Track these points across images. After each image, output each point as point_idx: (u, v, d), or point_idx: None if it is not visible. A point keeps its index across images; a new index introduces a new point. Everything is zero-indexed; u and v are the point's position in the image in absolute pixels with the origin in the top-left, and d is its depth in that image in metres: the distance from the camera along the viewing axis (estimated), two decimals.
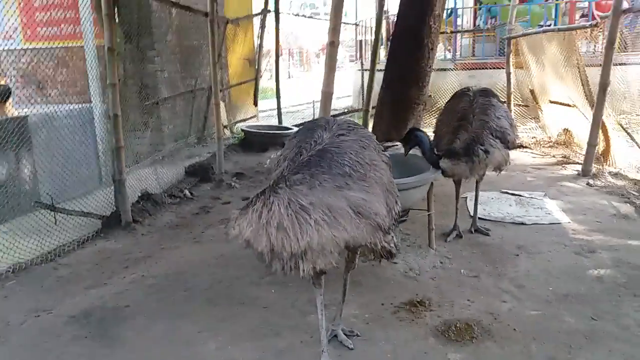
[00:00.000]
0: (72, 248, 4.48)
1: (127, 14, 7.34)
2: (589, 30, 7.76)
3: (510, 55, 7.97)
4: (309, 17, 22.18)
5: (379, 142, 2.67)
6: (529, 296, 3.25)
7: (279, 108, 10.23)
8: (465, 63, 10.52)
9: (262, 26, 9.74)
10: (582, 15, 12.35)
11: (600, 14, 10.61)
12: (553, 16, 11.87)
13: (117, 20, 4.66)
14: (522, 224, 4.58)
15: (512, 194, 5.48)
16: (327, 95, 3.83)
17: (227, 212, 5.80)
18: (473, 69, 10.24)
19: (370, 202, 2.18)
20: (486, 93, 4.16)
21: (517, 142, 4.04)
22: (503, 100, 8.28)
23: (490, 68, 9.96)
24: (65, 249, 4.42)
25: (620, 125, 6.28)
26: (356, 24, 13.59)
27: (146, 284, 3.64)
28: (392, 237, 2.39)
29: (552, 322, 2.94)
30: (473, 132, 3.80)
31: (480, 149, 3.69)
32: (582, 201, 5.23)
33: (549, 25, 11.40)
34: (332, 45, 3.78)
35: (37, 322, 3.19)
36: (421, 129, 4.23)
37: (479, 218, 4.71)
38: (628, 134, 6.15)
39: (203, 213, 5.74)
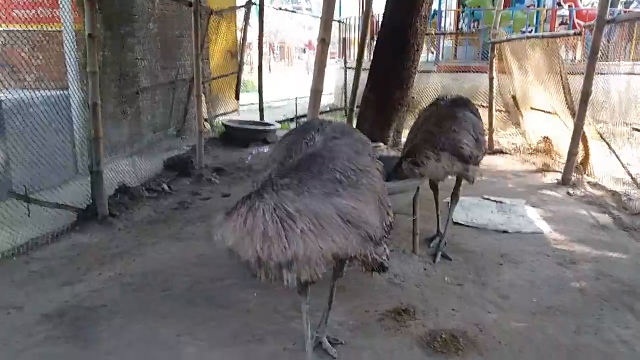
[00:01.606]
0: (46, 241, 4.31)
1: None
2: (570, 38, 7.88)
3: (494, 59, 8.01)
4: (292, 11, 21.99)
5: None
6: (514, 307, 3.25)
7: (260, 103, 10.10)
8: (448, 66, 10.56)
9: (246, 19, 9.59)
10: (562, 23, 12.52)
11: (581, 22, 10.79)
12: (534, 23, 12.01)
13: (97, 6, 4.47)
14: (505, 231, 4.60)
15: (494, 200, 5.50)
16: (316, 93, 3.77)
17: (206, 208, 5.70)
18: (456, 71, 10.29)
19: (360, 211, 2.11)
20: (456, 103, 4.06)
21: (480, 157, 3.92)
22: (485, 105, 8.35)
23: (473, 72, 10.01)
24: (38, 242, 4.26)
25: (600, 134, 6.37)
26: (340, 22, 13.51)
27: (123, 282, 3.51)
28: (384, 248, 2.32)
29: (537, 334, 2.93)
30: (412, 144, 3.78)
31: (408, 161, 3.64)
32: (563, 210, 5.29)
33: (531, 32, 11.57)
34: (323, 43, 3.71)
35: (7, 319, 3.04)
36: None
37: (461, 224, 4.73)
38: (606, 142, 6.24)
39: (182, 208, 5.61)
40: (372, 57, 7.18)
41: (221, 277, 3.57)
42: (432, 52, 11.65)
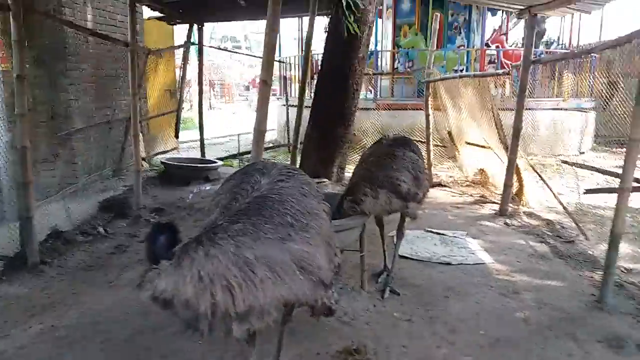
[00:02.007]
0: None
1: (38, 38, 6.83)
2: (499, 76, 8.34)
3: (429, 97, 8.33)
4: (231, 51, 22.13)
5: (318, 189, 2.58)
6: (462, 341, 3.26)
7: (201, 140, 9.95)
8: (386, 103, 10.88)
9: (185, 58, 9.52)
10: (490, 62, 13.29)
11: (508, 62, 11.51)
12: (465, 62, 12.68)
13: (26, 45, 4.27)
14: (449, 264, 4.67)
15: (436, 233, 5.61)
16: (260, 133, 3.73)
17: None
18: (394, 109, 10.60)
19: (313, 256, 2.06)
20: (397, 142, 4.16)
21: (421, 195, 4.00)
22: (423, 141, 8.64)
23: (411, 109, 10.37)
24: None
25: (532, 166, 6.70)
26: (280, 61, 13.71)
27: (56, 335, 3.25)
28: (333, 292, 2.27)
29: None
30: (352, 182, 3.83)
31: (348, 199, 3.68)
32: (502, 240, 5.46)
33: (462, 70, 12.20)
34: (265, 84, 3.72)
35: None
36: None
37: (406, 257, 4.77)
38: (538, 174, 6.57)
39: (119, 252, 5.34)
40: (313, 96, 7.28)
41: (163, 325, 3.37)
42: (370, 91, 11.99)
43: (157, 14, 8.08)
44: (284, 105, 13.03)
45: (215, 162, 9.08)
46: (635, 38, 3.86)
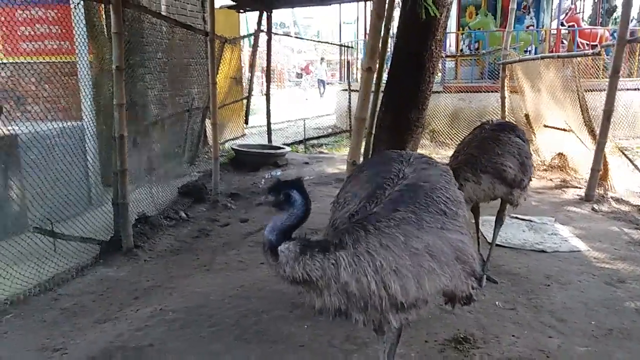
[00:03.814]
0: (71, 276, 4.18)
1: None
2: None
3: (505, 79, 8.04)
4: (297, 37, 22.28)
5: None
6: (574, 331, 3.15)
7: (269, 127, 10.07)
8: (455, 86, 10.61)
9: (255, 45, 9.59)
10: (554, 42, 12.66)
11: (584, 41, 10.94)
12: (538, 42, 12.15)
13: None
14: (543, 251, 4.52)
15: (522, 219, 5.43)
16: (360, 121, 3.70)
17: (227, 235, 5.58)
18: (463, 91, 10.32)
19: (466, 245, 2.02)
20: (501, 127, 4.04)
21: (526, 181, 3.84)
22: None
23: (481, 91, 10.06)
24: (63, 278, 4.11)
25: (621, 150, 6.36)
26: (341, 45, 13.62)
27: (166, 319, 3.36)
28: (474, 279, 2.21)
29: None
30: (454, 165, 3.68)
31: None
32: (593, 227, 5.23)
33: (531, 52, 11.69)
34: (369, 71, 3.67)
35: None
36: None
37: (497, 245, 4.63)
38: (629, 159, 6.23)
39: (203, 236, 5.51)
40: (387, 80, 7.16)
41: (267, 309, 3.44)
42: (438, 74, 11.72)
43: (227, 2, 8.15)
44: (346, 90, 12.95)
45: (283, 148, 9.17)
46: None
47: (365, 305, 1.84)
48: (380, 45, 3.69)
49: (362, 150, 3.87)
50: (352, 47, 13.85)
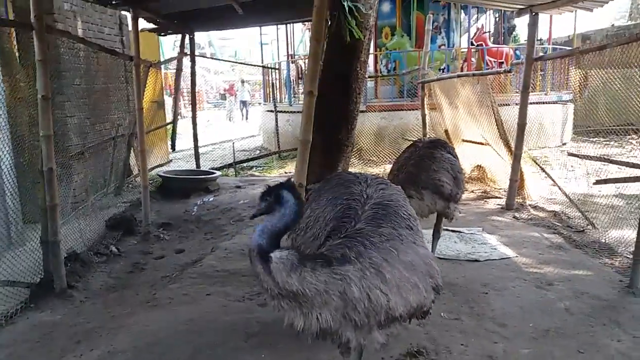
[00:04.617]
0: (0, 324, 3.84)
1: (33, 54, 6.68)
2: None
3: (425, 98, 8.48)
4: (229, 61, 22.17)
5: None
6: (515, 334, 3.37)
7: (196, 151, 9.85)
8: (377, 105, 11.01)
9: (179, 69, 9.43)
10: (464, 60, 13.56)
11: (492, 59, 11.79)
12: (450, 60, 12.91)
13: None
14: (476, 260, 4.79)
15: (453, 231, 5.72)
16: (305, 143, 3.77)
17: (164, 268, 5.39)
18: (385, 110, 10.74)
19: (433, 260, 2.13)
20: (433, 144, 4.30)
21: (460, 195, 4.13)
22: (416, 140, 8.80)
23: (400, 110, 10.53)
24: None
25: (533, 159, 6.90)
26: (263, 67, 13.70)
27: None
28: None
29: (548, 359, 3.06)
30: (397, 184, 3.88)
31: None
32: (517, 234, 5.61)
33: (444, 70, 12.41)
34: (311, 95, 3.76)
35: None
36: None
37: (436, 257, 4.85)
38: (541, 168, 6.78)
39: (137, 271, 5.32)
40: (316, 102, 7.31)
41: (221, 341, 3.36)
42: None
43: (149, 25, 7.98)
44: (271, 111, 13.01)
45: (213, 173, 9.01)
46: None
47: (364, 322, 1.87)
48: (317, 69, 3.78)
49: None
50: (276, 68, 13.95)
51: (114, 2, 6.21)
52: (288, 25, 13.25)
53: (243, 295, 4.16)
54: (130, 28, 9.68)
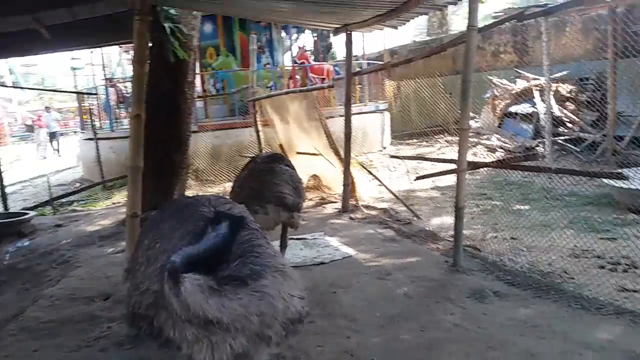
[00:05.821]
0: None
1: None
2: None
3: (257, 115, 8.61)
4: (33, 88, 19.52)
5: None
6: (365, 326, 3.54)
7: (2, 191, 8.61)
8: (209, 124, 10.87)
9: None
10: (289, 78, 14.18)
11: (315, 75, 12.46)
12: (277, 78, 13.31)
13: None
14: (322, 263, 4.95)
15: (297, 238, 5.85)
16: (136, 170, 3.51)
17: None
18: (217, 129, 10.65)
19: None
20: (271, 159, 4.38)
21: (301, 204, 4.30)
22: (253, 156, 8.88)
23: (233, 128, 10.54)
24: None
25: (361, 164, 7.43)
26: (79, 92, 12.61)
27: None
28: None
29: (395, 343, 3.27)
30: (241, 201, 3.92)
31: None
32: (354, 233, 5.96)
33: (272, 87, 12.78)
34: (138, 118, 3.53)
35: None
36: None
37: None
38: (369, 171, 7.33)
39: None
40: (144, 126, 6.96)
41: None
42: None
43: None
44: (91, 139, 12.01)
45: (27, 214, 7.95)
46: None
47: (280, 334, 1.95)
48: (142, 92, 3.59)
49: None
50: (94, 94, 12.93)
51: None
52: (103, 48, 12.43)
53: (79, 344, 3.69)
54: None
